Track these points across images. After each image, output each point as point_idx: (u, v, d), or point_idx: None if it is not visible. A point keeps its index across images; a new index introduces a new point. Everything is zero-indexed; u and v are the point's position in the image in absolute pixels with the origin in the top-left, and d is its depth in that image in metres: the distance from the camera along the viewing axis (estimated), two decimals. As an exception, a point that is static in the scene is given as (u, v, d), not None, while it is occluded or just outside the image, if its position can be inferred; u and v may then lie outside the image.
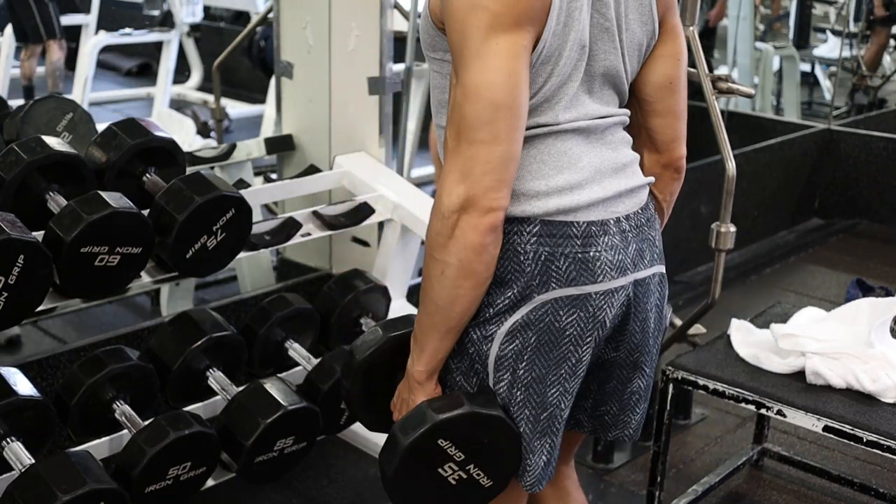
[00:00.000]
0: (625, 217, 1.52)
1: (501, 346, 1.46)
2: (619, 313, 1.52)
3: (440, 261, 1.41)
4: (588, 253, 1.47)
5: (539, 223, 1.45)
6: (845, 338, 2.20)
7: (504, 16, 1.35)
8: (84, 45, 5.95)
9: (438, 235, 1.40)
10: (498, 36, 1.35)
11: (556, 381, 1.49)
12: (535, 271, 1.44)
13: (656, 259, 1.58)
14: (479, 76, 1.35)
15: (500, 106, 1.35)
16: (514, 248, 1.45)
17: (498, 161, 1.36)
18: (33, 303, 1.80)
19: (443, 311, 1.44)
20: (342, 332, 2.51)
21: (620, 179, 1.53)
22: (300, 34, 2.89)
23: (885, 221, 5.02)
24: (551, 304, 1.45)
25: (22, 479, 1.78)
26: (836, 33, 6.78)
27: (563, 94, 1.46)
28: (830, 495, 2.66)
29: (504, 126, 1.36)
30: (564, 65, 1.44)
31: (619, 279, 1.50)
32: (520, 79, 1.37)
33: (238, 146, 3.06)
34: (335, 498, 2.57)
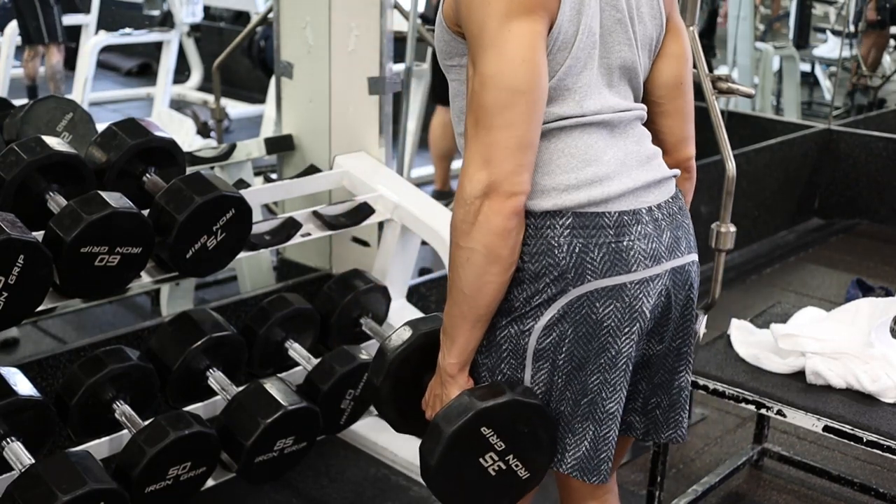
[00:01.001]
0: (656, 206, 1.53)
1: (539, 339, 1.47)
2: (659, 303, 1.52)
3: (465, 248, 1.42)
4: (621, 242, 1.47)
5: (571, 215, 1.46)
6: (845, 338, 2.21)
7: (517, 3, 1.37)
8: (84, 45, 5.95)
9: (463, 223, 1.42)
10: (512, 23, 1.37)
11: (595, 370, 1.49)
12: (569, 264, 1.45)
13: (692, 247, 1.59)
14: (495, 64, 1.38)
15: (516, 91, 1.37)
16: (547, 241, 1.45)
17: (517, 146, 1.39)
18: (33, 303, 1.80)
19: (471, 299, 1.45)
20: (342, 332, 2.51)
21: (647, 171, 1.54)
22: (300, 34, 2.89)
23: (885, 221, 5.02)
24: (587, 296, 1.46)
25: (22, 479, 1.78)
26: (836, 33, 6.78)
27: (582, 82, 1.47)
28: (830, 495, 2.66)
29: (522, 111, 1.38)
30: (579, 51, 1.45)
31: (654, 268, 1.50)
32: (536, 64, 1.39)
33: (238, 146, 3.06)
34: (335, 498, 2.57)
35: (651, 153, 1.58)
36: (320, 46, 2.84)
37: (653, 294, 1.50)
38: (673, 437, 1.69)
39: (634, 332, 1.49)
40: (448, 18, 1.47)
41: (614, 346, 1.49)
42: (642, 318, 1.50)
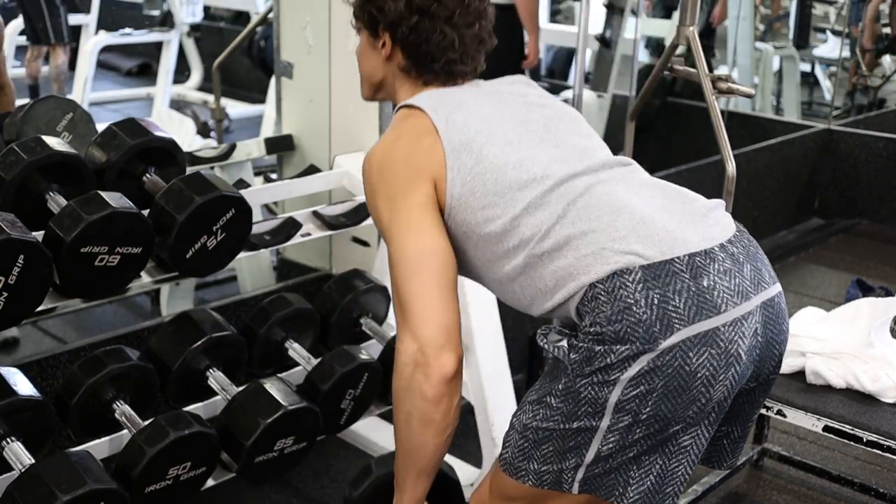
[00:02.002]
0: (728, 242, 1.48)
1: (624, 390, 1.41)
2: (755, 343, 1.46)
3: (402, 411, 1.50)
4: (701, 283, 1.41)
5: (639, 270, 1.41)
6: (845, 338, 2.21)
7: (394, 181, 1.51)
8: (84, 45, 5.95)
9: (398, 389, 1.50)
10: (398, 204, 1.51)
11: (680, 420, 1.44)
12: (652, 317, 1.39)
13: (775, 277, 1.54)
14: (394, 242, 1.51)
15: (416, 262, 1.47)
16: (623, 301, 1.40)
17: (432, 311, 1.46)
18: (33, 303, 1.80)
19: (411, 455, 1.54)
20: (342, 332, 2.50)
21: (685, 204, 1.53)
22: (300, 34, 2.89)
23: (885, 221, 5.02)
24: (679, 347, 1.39)
25: (22, 479, 1.78)
26: (836, 33, 6.78)
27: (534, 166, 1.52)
28: (830, 495, 2.66)
29: (426, 279, 1.46)
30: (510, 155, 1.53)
31: (744, 304, 1.44)
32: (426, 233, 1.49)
33: (238, 146, 3.06)
34: (335, 498, 2.57)
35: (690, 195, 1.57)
36: (320, 46, 2.84)
37: (747, 334, 1.43)
38: (733, 463, 1.68)
39: (729, 378, 1.42)
40: None
41: (706, 395, 1.42)
42: (738, 361, 1.42)
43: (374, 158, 1.58)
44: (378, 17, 1.62)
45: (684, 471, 1.50)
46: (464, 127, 1.55)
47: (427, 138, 1.54)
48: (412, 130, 1.56)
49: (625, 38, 4.93)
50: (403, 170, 1.53)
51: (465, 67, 1.65)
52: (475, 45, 1.65)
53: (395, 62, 1.65)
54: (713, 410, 1.46)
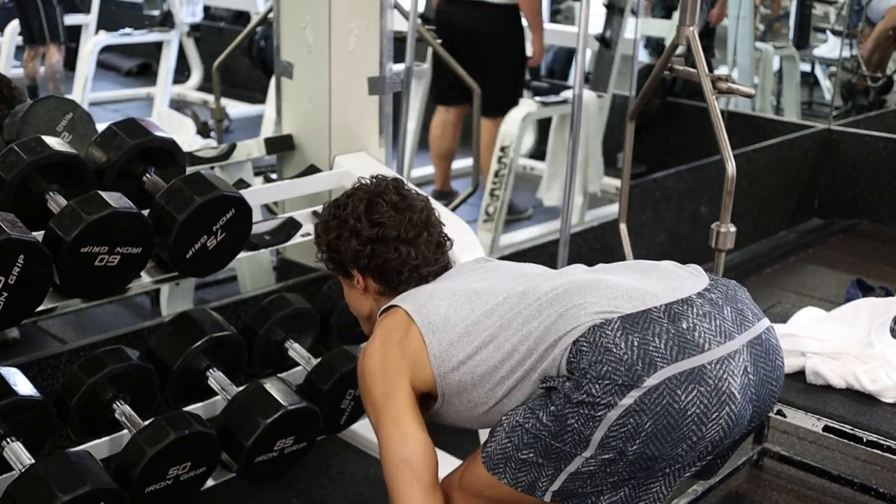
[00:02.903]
0: (705, 290, 1.53)
1: (610, 428, 1.44)
2: (747, 382, 1.48)
3: None
4: (680, 326, 1.46)
5: (618, 320, 1.47)
6: (845, 338, 2.20)
7: (378, 394, 1.64)
8: (84, 45, 5.95)
9: None
10: (382, 405, 1.64)
11: (668, 458, 1.47)
12: (633, 357, 1.43)
13: (761, 314, 1.57)
14: (380, 443, 1.64)
15: (397, 463, 1.60)
16: (603, 346, 1.45)
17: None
18: (33, 303, 1.80)
19: None
20: (342, 332, 2.50)
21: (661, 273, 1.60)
22: (300, 34, 2.89)
23: (885, 221, 5.02)
24: (665, 385, 1.42)
25: (22, 479, 1.78)
26: (836, 33, 6.78)
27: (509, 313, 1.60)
28: (830, 495, 2.66)
29: (407, 478, 1.59)
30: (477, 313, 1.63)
31: (729, 343, 1.47)
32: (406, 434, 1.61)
33: (238, 146, 3.06)
34: (335, 498, 2.57)
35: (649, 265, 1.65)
36: (320, 46, 2.84)
37: (737, 373, 1.45)
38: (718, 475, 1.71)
39: (724, 417, 1.44)
40: None
41: (697, 434, 1.44)
42: (732, 400, 1.44)
43: (361, 366, 1.72)
44: (340, 258, 1.80)
45: (659, 489, 1.54)
46: (429, 301, 1.68)
47: (401, 329, 1.67)
48: (386, 328, 1.70)
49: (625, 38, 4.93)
50: (381, 373, 1.66)
51: (430, 269, 1.79)
52: (432, 249, 1.79)
53: (371, 289, 1.81)
54: (705, 449, 1.49)
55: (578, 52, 3.02)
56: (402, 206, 1.78)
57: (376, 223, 1.76)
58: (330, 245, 1.81)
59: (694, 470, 1.58)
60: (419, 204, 1.81)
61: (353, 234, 1.77)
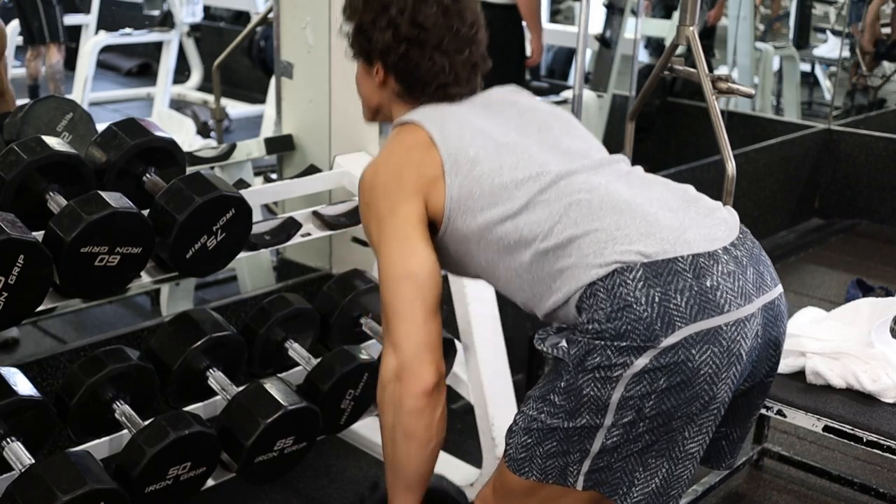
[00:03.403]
0: (731, 245, 1.48)
1: (627, 387, 1.41)
2: (755, 345, 1.47)
3: (387, 426, 1.55)
4: (704, 284, 1.42)
5: (641, 268, 1.41)
6: (845, 338, 2.20)
7: (385, 205, 1.55)
8: (84, 45, 5.95)
9: (381, 404, 1.54)
10: (387, 221, 1.55)
11: (683, 416, 1.44)
12: (653, 315, 1.39)
13: (777, 280, 1.55)
14: (382, 258, 1.55)
15: (400, 278, 1.51)
16: (623, 299, 1.40)
17: (413, 326, 1.50)
18: (33, 303, 1.80)
19: (398, 469, 1.57)
20: (342, 332, 2.50)
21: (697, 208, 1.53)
22: (300, 34, 2.89)
23: (885, 221, 5.02)
24: (681, 344, 1.39)
25: (22, 479, 1.78)
26: (836, 33, 6.78)
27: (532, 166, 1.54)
28: (830, 495, 2.66)
29: (409, 295, 1.50)
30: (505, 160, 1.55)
31: (747, 306, 1.44)
32: (413, 249, 1.52)
33: (238, 146, 3.06)
34: (335, 498, 2.57)
35: (694, 193, 1.58)
36: (320, 46, 2.84)
37: (749, 335, 1.45)
38: (732, 464, 1.68)
39: (731, 376, 1.44)
40: None
41: (709, 393, 1.43)
42: (739, 361, 1.44)
43: (366, 177, 1.61)
44: (369, 46, 1.65)
45: (689, 475, 1.51)
46: (459, 134, 1.57)
47: (421, 150, 1.57)
48: (404, 145, 1.60)
49: (625, 38, 4.93)
50: (393, 187, 1.55)
51: (459, 89, 1.67)
52: (467, 70, 1.66)
53: (389, 87, 1.68)
54: (717, 410, 1.46)
55: (578, 52, 3.02)
56: (453, 12, 1.62)
57: (419, 24, 1.59)
58: (361, 27, 1.64)
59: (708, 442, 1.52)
60: (471, 16, 1.65)
61: (391, 26, 1.60)
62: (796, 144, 4.95)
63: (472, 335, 2.48)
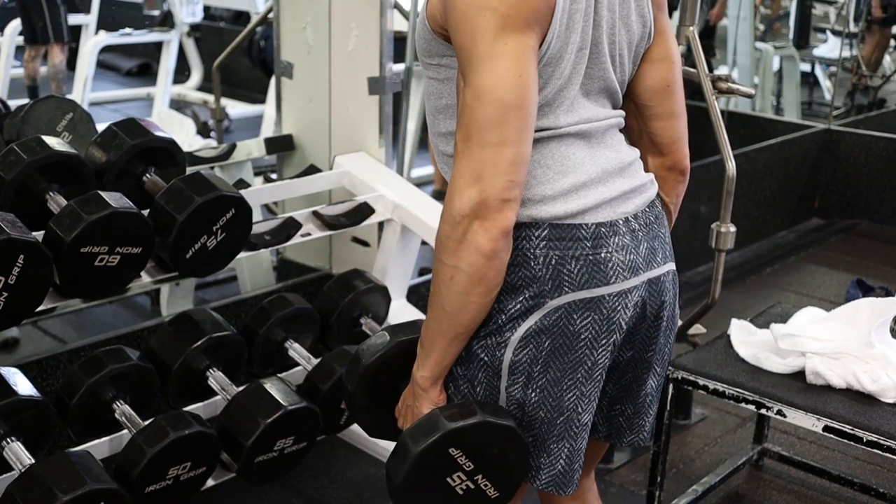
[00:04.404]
0: (633, 216, 1.52)
1: (515, 351, 1.46)
2: (634, 314, 1.51)
3: (450, 266, 1.39)
4: (599, 254, 1.46)
5: (548, 227, 1.45)
6: (845, 338, 2.20)
7: (512, 17, 1.34)
8: (84, 45, 5.95)
9: (448, 240, 1.38)
10: (507, 37, 1.34)
11: (572, 385, 1.48)
12: (546, 276, 1.44)
13: (668, 256, 1.58)
14: (488, 78, 1.34)
15: (509, 107, 1.34)
16: (523, 253, 1.44)
17: (509, 163, 1.35)
18: (33, 303, 1.80)
19: (451, 317, 1.43)
20: (342, 332, 2.51)
21: (625, 179, 1.53)
22: (300, 34, 2.89)
23: (885, 221, 5.02)
24: (565, 308, 1.44)
25: (22, 479, 1.78)
26: (836, 33, 6.78)
27: (564, 97, 1.47)
28: (830, 495, 2.66)
29: (515, 127, 1.35)
30: (565, 67, 1.45)
31: (632, 279, 1.49)
32: (529, 80, 1.36)
33: (238, 146, 3.06)
34: (335, 498, 2.57)
35: (630, 159, 1.56)
36: (320, 46, 2.84)
37: (630, 306, 1.50)
38: (635, 441, 1.69)
39: (611, 344, 1.49)
40: (432, 19, 1.43)
41: (590, 359, 1.48)
42: (619, 329, 1.49)
43: None
44: None
45: (584, 444, 1.55)
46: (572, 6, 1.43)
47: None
48: None
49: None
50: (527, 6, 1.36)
51: None
52: None
53: None
54: (599, 377, 1.51)
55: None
56: None
57: None
58: None
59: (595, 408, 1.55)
60: None
61: None
62: (796, 144, 4.95)
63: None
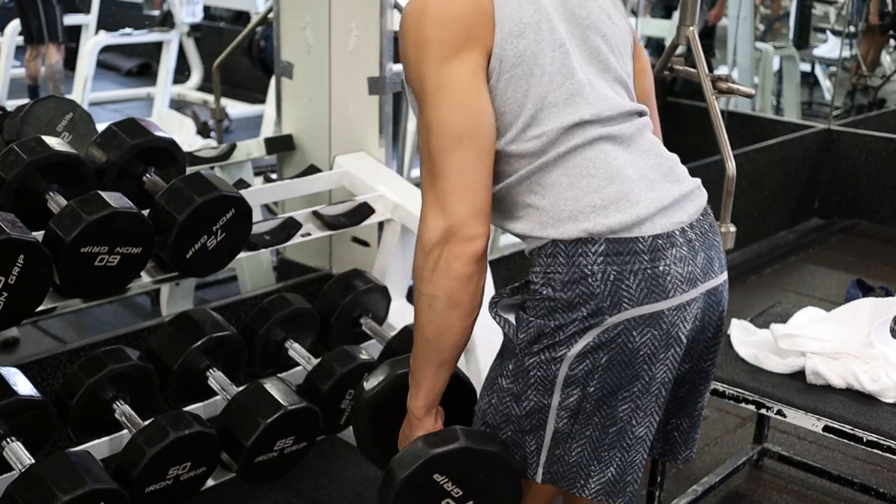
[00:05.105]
0: (689, 226, 1.50)
1: (571, 366, 1.44)
2: (693, 327, 1.49)
3: (427, 294, 1.44)
4: (657, 268, 1.44)
5: (604, 242, 1.42)
6: (845, 338, 2.20)
7: (448, 42, 1.39)
8: (84, 45, 5.95)
9: (423, 269, 1.43)
10: (449, 64, 1.40)
11: (627, 398, 1.47)
12: (604, 292, 1.41)
13: (723, 265, 1.56)
14: (435, 110, 1.40)
15: (458, 135, 1.39)
16: (581, 269, 1.42)
17: (467, 189, 1.40)
18: (33, 303, 1.80)
19: (433, 344, 1.48)
20: (342, 332, 2.50)
21: (672, 184, 1.52)
22: (300, 34, 2.89)
23: (885, 221, 5.02)
24: (624, 324, 1.42)
25: (22, 479, 1.78)
26: (836, 33, 6.78)
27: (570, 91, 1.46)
28: (830, 495, 2.66)
29: (468, 154, 1.39)
30: (547, 64, 1.45)
31: (691, 291, 1.47)
32: (473, 105, 1.40)
33: (238, 146, 3.06)
34: (335, 498, 2.57)
35: (669, 163, 1.56)
36: (320, 46, 2.84)
37: (689, 318, 1.47)
38: (688, 456, 1.69)
39: (669, 358, 1.47)
40: (405, 79, 1.49)
41: (648, 374, 1.46)
42: (678, 343, 1.47)
43: (422, 9, 1.42)
44: None
45: (641, 459, 1.53)
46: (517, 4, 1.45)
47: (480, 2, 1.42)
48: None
49: (625, 38, 4.93)
50: (461, 26, 1.39)
51: None
52: None
53: None
54: (659, 392, 1.49)
55: (578, 52, 3.02)
56: None
57: None
58: None
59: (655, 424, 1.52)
60: None
61: None
62: (796, 144, 4.95)
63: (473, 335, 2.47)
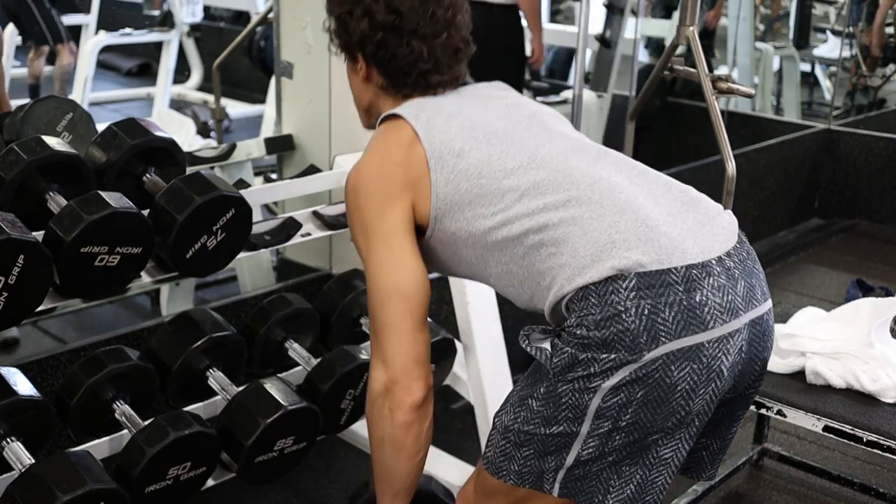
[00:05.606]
0: (726, 255, 1.46)
1: (605, 398, 1.40)
2: (738, 360, 1.44)
3: (376, 437, 1.57)
4: (693, 298, 1.39)
5: (634, 277, 1.39)
6: (845, 338, 2.20)
7: (370, 212, 1.53)
8: (84, 45, 5.95)
9: (370, 415, 1.57)
10: (379, 224, 1.53)
11: (659, 430, 1.43)
12: (640, 327, 1.37)
13: (767, 293, 1.51)
14: (370, 270, 1.55)
15: (387, 292, 1.51)
16: (613, 307, 1.38)
17: (404, 342, 1.50)
18: (33, 303, 1.80)
19: (384, 478, 1.60)
20: (342, 332, 2.50)
21: (692, 212, 1.50)
22: (300, 34, 2.89)
23: (885, 221, 5.02)
24: (662, 359, 1.38)
25: (22, 479, 1.78)
26: (836, 33, 6.78)
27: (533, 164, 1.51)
28: (830, 495, 2.66)
29: (396, 310, 1.51)
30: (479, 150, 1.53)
31: (733, 322, 1.42)
32: (400, 264, 1.52)
33: (238, 146, 3.06)
34: (335, 498, 2.57)
35: (693, 194, 1.55)
36: (320, 46, 2.84)
37: (732, 351, 1.42)
38: (712, 475, 1.67)
39: (709, 392, 1.42)
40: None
41: (685, 409, 1.41)
42: (720, 377, 1.42)
43: (349, 181, 1.60)
44: (347, 37, 1.65)
45: (664, 481, 1.50)
46: (444, 128, 1.55)
47: (404, 147, 1.56)
48: (386, 143, 1.59)
49: (625, 38, 4.94)
50: (377, 190, 1.54)
51: (440, 77, 1.64)
52: (448, 55, 1.63)
53: (374, 82, 1.67)
54: (693, 422, 1.45)
55: (578, 52, 3.03)
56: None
57: (395, 10, 1.58)
58: (340, 19, 1.64)
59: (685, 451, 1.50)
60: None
61: (367, 14, 1.59)
62: (796, 144, 4.95)
63: (472, 335, 2.48)
